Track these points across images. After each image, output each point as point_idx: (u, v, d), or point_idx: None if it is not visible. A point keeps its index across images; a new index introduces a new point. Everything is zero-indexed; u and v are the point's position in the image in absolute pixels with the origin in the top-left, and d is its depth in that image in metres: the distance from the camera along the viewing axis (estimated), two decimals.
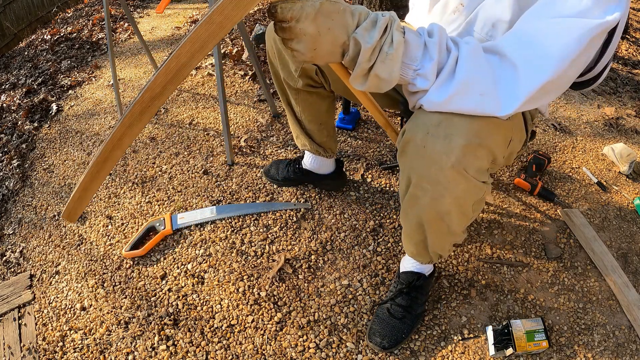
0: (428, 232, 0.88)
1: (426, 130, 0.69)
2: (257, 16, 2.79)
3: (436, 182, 0.73)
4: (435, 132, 0.68)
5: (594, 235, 1.32)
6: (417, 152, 0.71)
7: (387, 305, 1.10)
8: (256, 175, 1.58)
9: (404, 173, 0.79)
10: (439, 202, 0.76)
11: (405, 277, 1.09)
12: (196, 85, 2.18)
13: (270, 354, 1.09)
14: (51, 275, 1.36)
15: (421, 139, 0.70)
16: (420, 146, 0.70)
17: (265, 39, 1.06)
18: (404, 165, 0.77)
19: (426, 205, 0.78)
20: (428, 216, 0.82)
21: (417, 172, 0.74)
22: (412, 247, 0.98)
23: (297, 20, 0.57)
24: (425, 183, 0.74)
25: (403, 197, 0.83)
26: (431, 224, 0.84)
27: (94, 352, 1.14)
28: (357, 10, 0.61)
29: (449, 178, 0.71)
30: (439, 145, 0.68)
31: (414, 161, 0.73)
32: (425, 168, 0.72)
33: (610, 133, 1.80)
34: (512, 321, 1.08)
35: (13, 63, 2.94)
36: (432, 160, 0.70)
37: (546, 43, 0.66)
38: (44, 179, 1.74)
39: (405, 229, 0.95)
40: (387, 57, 0.61)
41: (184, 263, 1.31)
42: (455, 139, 0.68)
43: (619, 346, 1.09)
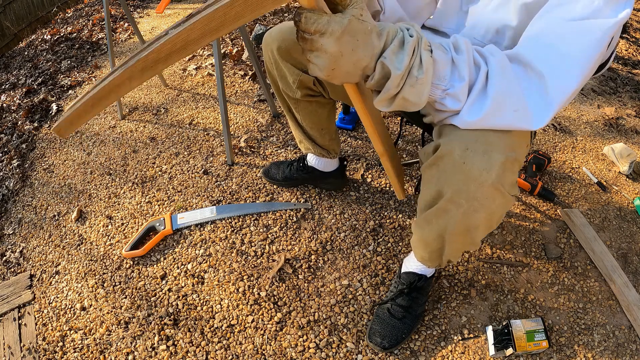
0: (448, 243, 0.85)
1: (465, 146, 0.67)
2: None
3: (473, 198, 0.70)
4: (474, 147, 0.66)
5: (594, 235, 1.32)
6: (455, 168, 0.68)
7: (388, 305, 1.10)
8: (256, 175, 1.58)
9: (433, 185, 0.75)
10: (472, 217, 0.74)
11: (407, 278, 1.09)
12: (196, 85, 2.18)
13: (270, 354, 1.09)
14: (51, 275, 1.36)
15: (460, 155, 0.67)
16: (459, 162, 0.67)
17: (263, 50, 1.05)
18: (435, 179, 0.74)
19: (457, 219, 0.76)
20: (455, 229, 0.79)
21: (453, 188, 0.71)
22: (426, 254, 0.96)
23: (322, 34, 0.52)
24: (461, 199, 0.71)
25: (427, 208, 0.80)
26: (456, 237, 0.81)
27: (94, 352, 1.14)
28: (384, 30, 0.57)
29: (486, 195, 0.70)
30: (479, 162, 0.66)
31: (450, 176, 0.70)
32: (464, 184, 0.69)
33: (610, 133, 1.80)
34: (512, 321, 1.08)
35: (13, 63, 2.94)
36: (472, 176, 0.68)
37: (569, 49, 0.64)
38: (44, 179, 1.74)
39: (420, 236, 0.91)
40: (417, 81, 0.58)
41: (184, 263, 1.31)
42: (495, 155, 0.66)
43: (619, 346, 1.09)
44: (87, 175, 1.70)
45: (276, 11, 2.86)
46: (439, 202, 0.75)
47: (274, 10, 2.88)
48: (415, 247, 0.99)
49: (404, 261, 1.13)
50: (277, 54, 0.97)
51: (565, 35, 0.65)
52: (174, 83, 2.23)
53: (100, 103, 0.65)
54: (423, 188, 0.79)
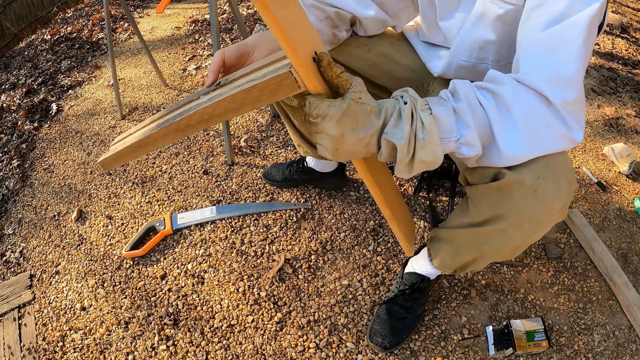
0: (486, 259, 0.84)
1: (536, 174, 0.66)
2: (257, 16, 2.79)
3: (538, 222, 0.70)
4: (545, 175, 0.66)
5: (594, 235, 1.32)
6: (527, 196, 0.67)
7: (389, 305, 1.10)
8: (256, 175, 1.58)
9: (489, 208, 0.73)
10: (529, 238, 0.74)
11: (409, 279, 1.08)
12: (196, 85, 2.18)
13: (270, 354, 1.09)
14: (51, 275, 1.36)
15: (532, 184, 0.66)
16: (531, 190, 0.67)
17: None
18: (494, 202, 0.72)
19: (512, 239, 0.74)
20: (505, 248, 0.78)
21: (519, 214, 0.70)
22: (451, 263, 0.92)
23: (323, 118, 0.55)
24: (524, 222, 0.71)
25: (473, 226, 0.78)
26: (500, 254, 0.80)
27: (94, 352, 1.14)
28: (383, 108, 0.59)
29: (553, 219, 0.70)
30: (550, 189, 0.66)
31: (518, 203, 0.69)
32: (533, 210, 0.69)
33: (610, 133, 1.80)
34: (512, 321, 1.08)
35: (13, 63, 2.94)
36: (544, 203, 0.67)
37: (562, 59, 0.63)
38: (44, 179, 1.74)
39: (453, 248, 0.88)
40: (425, 142, 0.59)
41: (184, 263, 1.31)
42: (562, 181, 0.66)
43: (619, 346, 1.09)
44: (87, 175, 1.70)
45: None
46: (497, 224, 0.73)
47: None
48: (437, 254, 0.95)
49: (410, 261, 1.12)
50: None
51: (553, 45, 0.63)
52: (174, 83, 2.23)
53: (139, 150, 0.75)
54: (472, 206, 0.78)
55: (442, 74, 0.91)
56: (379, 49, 0.96)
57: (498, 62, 0.82)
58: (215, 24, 1.33)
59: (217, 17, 1.34)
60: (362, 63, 0.96)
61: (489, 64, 0.83)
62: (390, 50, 0.97)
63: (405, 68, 0.96)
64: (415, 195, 1.45)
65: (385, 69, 0.96)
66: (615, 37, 2.63)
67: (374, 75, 0.97)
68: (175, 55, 2.53)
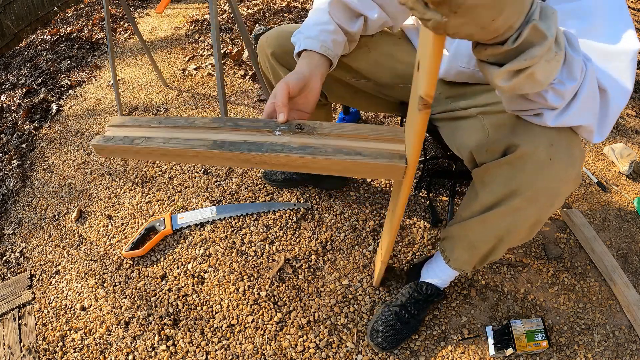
0: (505, 243, 0.81)
1: (550, 142, 0.64)
2: (257, 16, 2.79)
3: (555, 194, 0.68)
4: (558, 142, 0.64)
5: (594, 235, 1.32)
6: (541, 167, 0.66)
7: (396, 308, 1.08)
8: (256, 175, 1.58)
9: (501, 186, 0.71)
10: (546, 211, 0.72)
11: (426, 289, 1.06)
12: (196, 85, 2.18)
13: (270, 354, 1.09)
14: (51, 275, 1.36)
15: (546, 152, 0.64)
16: (545, 160, 0.65)
17: (258, 54, 1.04)
18: (506, 179, 0.70)
19: (528, 215, 0.72)
20: (522, 226, 0.75)
21: (534, 187, 0.68)
22: (469, 257, 0.90)
23: None
24: (540, 195, 0.69)
25: (486, 209, 0.76)
26: (518, 234, 0.78)
27: (94, 352, 1.14)
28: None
29: (569, 189, 0.68)
30: (565, 157, 0.65)
31: (533, 176, 0.67)
32: (548, 182, 0.67)
33: (610, 133, 1.80)
34: (512, 321, 1.08)
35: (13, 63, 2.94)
36: (558, 173, 0.66)
37: (619, 65, 0.63)
38: (44, 179, 1.74)
39: (468, 241, 0.86)
40: (555, 57, 0.50)
41: (184, 263, 1.31)
42: (575, 148, 0.65)
43: (619, 346, 1.09)
44: (87, 175, 1.70)
45: (276, 11, 2.86)
46: (511, 202, 0.71)
47: (274, 10, 2.88)
48: (453, 253, 0.93)
49: (426, 269, 1.09)
50: (272, 59, 0.96)
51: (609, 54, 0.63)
52: (174, 83, 2.23)
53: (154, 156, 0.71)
54: (482, 188, 0.76)
55: (442, 77, 0.91)
56: (381, 48, 0.96)
57: None
58: (215, 24, 1.33)
59: (217, 17, 1.34)
60: (364, 63, 0.96)
61: None
62: (393, 49, 0.97)
63: (408, 65, 0.96)
64: (415, 193, 1.45)
65: (388, 67, 0.96)
66: None
67: (377, 73, 0.97)
68: (175, 55, 2.53)
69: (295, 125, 0.68)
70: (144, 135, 0.72)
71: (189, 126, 0.72)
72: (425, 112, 0.52)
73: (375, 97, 1.05)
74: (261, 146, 0.64)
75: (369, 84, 0.99)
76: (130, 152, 0.72)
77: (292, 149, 0.63)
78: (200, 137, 0.69)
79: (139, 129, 0.75)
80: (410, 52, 0.98)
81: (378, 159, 0.60)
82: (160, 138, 0.70)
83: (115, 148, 0.72)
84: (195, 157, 0.68)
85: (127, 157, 0.74)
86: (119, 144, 0.71)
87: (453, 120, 0.89)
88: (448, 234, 0.92)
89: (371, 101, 1.07)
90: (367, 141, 0.64)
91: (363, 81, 0.99)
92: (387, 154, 0.61)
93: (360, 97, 1.06)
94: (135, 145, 0.70)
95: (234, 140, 0.67)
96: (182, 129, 0.72)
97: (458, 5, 0.39)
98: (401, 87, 0.99)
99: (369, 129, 0.66)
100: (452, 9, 0.39)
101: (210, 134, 0.69)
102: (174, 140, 0.69)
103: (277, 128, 0.68)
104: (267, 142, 0.65)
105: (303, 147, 0.63)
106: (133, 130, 0.75)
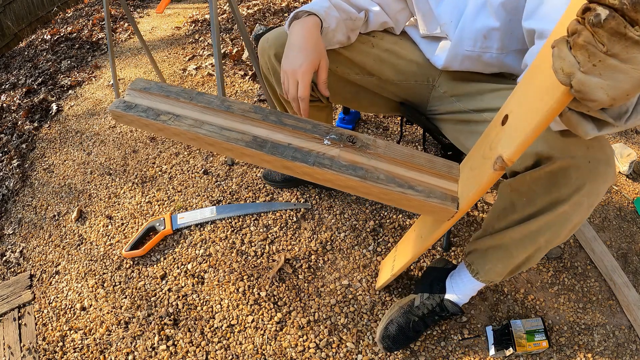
0: (542, 252, 0.80)
1: (586, 145, 0.64)
2: (257, 16, 2.79)
3: (596, 194, 0.68)
4: (593, 144, 0.64)
5: (594, 235, 1.32)
6: (583, 172, 0.65)
7: (415, 318, 1.07)
8: (256, 175, 1.58)
9: (548, 195, 0.70)
10: (587, 213, 0.72)
11: (452, 308, 1.03)
12: (196, 85, 2.18)
13: (270, 354, 1.09)
14: (51, 275, 1.36)
15: (584, 157, 0.64)
16: (585, 164, 0.65)
17: (259, 55, 1.04)
18: (553, 188, 0.69)
19: (571, 220, 0.72)
20: (563, 232, 0.74)
21: (579, 192, 0.68)
22: (502, 269, 0.87)
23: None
24: (584, 198, 0.68)
25: (529, 218, 0.75)
26: (555, 241, 0.77)
27: (94, 352, 1.14)
28: None
29: (607, 187, 0.69)
30: (602, 158, 0.65)
31: (577, 180, 0.67)
32: (591, 184, 0.66)
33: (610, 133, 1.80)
34: (512, 321, 1.08)
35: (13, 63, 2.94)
36: (599, 175, 0.66)
37: None
38: (44, 179, 1.74)
39: (503, 253, 0.84)
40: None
41: (184, 263, 1.31)
42: (606, 147, 0.66)
43: (619, 346, 1.09)
44: (87, 175, 1.70)
45: (276, 11, 2.86)
46: (555, 209, 0.70)
47: (274, 10, 2.88)
48: (484, 266, 0.90)
49: (449, 283, 1.05)
50: (274, 60, 0.96)
51: None
52: (174, 83, 2.23)
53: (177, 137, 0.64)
54: (519, 199, 0.74)
55: (446, 66, 0.90)
56: (383, 45, 0.96)
57: (502, 50, 0.82)
58: (215, 24, 1.33)
59: (217, 17, 1.34)
60: (367, 57, 0.96)
61: (493, 53, 0.82)
62: (394, 47, 0.97)
63: (410, 62, 0.96)
64: None
65: (391, 64, 0.96)
66: None
67: (380, 69, 0.97)
68: (175, 55, 2.53)
69: (347, 137, 0.62)
70: (172, 112, 0.63)
71: (225, 110, 0.64)
72: (499, 173, 0.48)
73: (377, 96, 1.05)
74: (307, 156, 0.58)
75: (373, 80, 0.99)
76: (152, 128, 0.64)
77: (341, 167, 0.58)
78: (238, 128, 0.62)
79: (166, 100, 0.66)
80: (412, 50, 0.98)
81: (430, 197, 0.56)
82: (191, 119, 0.62)
83: (135, 119, 0.64)
84: (230, 151, 0.62)
85: (148, 130, 0.66)
86: (141, 116, 0.63)
87: (464, 123, 0.88)
88: (477, 247, 0.89)
89: (373, 101, 1.07)
90: (421, 173, 0.60)
91: (367, 77, 0.99)
92: (440, 193, 0.57)
93: (362, 97, 1.06)
94: (161, 122, 0.62)
95: (277, 140, 0.60)
96: (217, 112, 0.64)
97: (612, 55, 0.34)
98: (404, 84, 0.99)
99: (424, 159, 0.62)
100: (596, 58, 0.35)
101: (249, 126, 0.62)
102: (207, 126, 0.62)
103: (326, 136, 0.62)
104: (314, 153, 0.59)
105: (353, 167, 0.58)
106: (158, 100, 0.66)
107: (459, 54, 0.86)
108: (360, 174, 0.57)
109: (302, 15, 0.82)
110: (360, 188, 0.58)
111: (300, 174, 0.60)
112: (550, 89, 0.39)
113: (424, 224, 0.84)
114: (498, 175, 0.49)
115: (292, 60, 0.77)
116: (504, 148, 0.47)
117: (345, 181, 0.57)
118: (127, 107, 0.64)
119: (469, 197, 0.55)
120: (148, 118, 0.63)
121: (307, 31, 0.79)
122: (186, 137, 0.62)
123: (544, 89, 0.41)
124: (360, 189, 0.58)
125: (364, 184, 0.56)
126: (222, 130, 0.61)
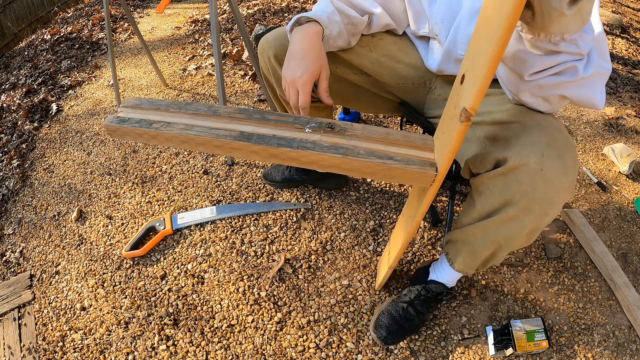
0: (504, 249, 0.83)
1: (540, 152, 0.66)
2: (257, 16, 2.79)
3: (549, 203, 0.69)
4: (549, 153, 0.66)
5: (594, 235, 1.32)
6: (533, 177, 0.67)
7: (404, 305, 1.09)
8: (256, 175, 1.58)
9: (496, 196, 0.73)
10: (542, 220, 0.73)
11: (436, 288, 1.06)
12: (196, 85, 2.18)
13: (270, 354, 1.09)
14: (51, 275, 1.36)
15: (537, 162, 0.66)
16: (537, 170, 0.66)
17: (259, 56, 1.04)
18: (501, 189, 0.72)
19: (525, 224, 0.74)
20: (520, 234, 0.77)
21: (529, 197, 0.69)
22: (471, 262, 0.92)
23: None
24: (535, 205, 0.70)
25: (483, 217, 0.78)
26: (517, 241, 0.79)
27: (94, 352, 1.14)
28: None
29: (563, 198, 0.70)
30: (557, 165, 0.66)
31: (526, 185, 0.68)
32: (542, 191, 0.68)
33: (610, 133, 1.80)
34: (512, 321, 1.08)
35: (13, 63, 2.94)
36: (551, 183, 0.67)
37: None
38: (44, 179, 1.74)
39: (470, 247, 0.88)
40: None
41: (184, 263, 1.31)
42: (567, 157, 0.66)
43: (619, 346, 1.09)
44: (87, 175, 1.70)
45: (276, 11, 2.86)
46: (507, 211, 0.73)
47: (274, 10, 2.88)
48: (456, 257, 0.94)
49: (433, 268, 1.09)
50: (274, 61, 0.96)
51: None
52: (174, 83, 2.23)
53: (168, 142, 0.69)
54: (478, 198, 0.77)
55: (440, 70, 0.91)
56: (381, 48, 0.96)
57: None
58: (215, 24, 1.33)
59: (217, 17, 1.34)
60: (366, 60, 0.96)
61: None
62: (393, 49, 0.97)
63: (407, 66, 0.97)
64: None
65: (389, 67, 0.97)
66: (615, 37, 2.63)
67: (379, 72, 0.97)
68: (175, 55, 2.53)
69: (326, 124, 0.67)
70: (163, 120, 0.69)
71: (212, 114, 0.69)
72: (466, 124, 0.52)
73: (376, 97, 1.05)
74: (291, 142, 0.63)
75: (371, 80, 1.00)
76: (145, 137, 0.69)
77: (323, 147, 0.63)
78: (225, 126, 0.67)
79: (157, 112, 0.71)
80: (410, 52, 0.98)
81: (410, 165, 0.60)
82: (182, 124, 0.67)
83: (130, 131, 0.68)
84: (219, 148, 0.66)
85: (141, 141, 0.71)
86: (135, 127, 0.67)
87: None
88: (451, 237, 0.93)
89: (372, 101, 1.07)
90: (398, 147, 0.64)
91: (365, 78, 1.00)
92: (418, 160, 0.61)
93: (362, 98, 1.06)
94: (154, 129, 0.67)
95: (262, 133, 0.65)
96: (205, 117, 0.69)
97: None
98: (402, 87, 0.99)
99: (400, 135, 0.66)
100: None
101: (235, 125, 0.67)
102: (197, 127, 0.67)
103: (307, 125, 0.67)
104: (298, 139, 0.64)
105: (335, 147, 0.63)
106: (150, 113, 0.71)
107: (453, 57, 0.87)
108: (342, 152, 0.62)
109: (304, 21, 0.82)
110: (343, 165, 0.63)
111: (287, 160, 0.64)
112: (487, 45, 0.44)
113: (410, 205, 0.87)
114: (465, 127, 0.52)
115: (293, 69, 0.78)
116: (466, 100, 0.51)
117: (328, 160, 0.62)
118: (121, 121, 0.69)
119: (444, 158, 0.58)
120: (141, 127, 0.68)
121: (308, 40, 0.79)
122: (178, 141, 0.67)
123: (491, 27, 0.45)
124: (343, 166, 0.63)
125: (346, 159, 0.61)
126: (211, 130, 0.66)
